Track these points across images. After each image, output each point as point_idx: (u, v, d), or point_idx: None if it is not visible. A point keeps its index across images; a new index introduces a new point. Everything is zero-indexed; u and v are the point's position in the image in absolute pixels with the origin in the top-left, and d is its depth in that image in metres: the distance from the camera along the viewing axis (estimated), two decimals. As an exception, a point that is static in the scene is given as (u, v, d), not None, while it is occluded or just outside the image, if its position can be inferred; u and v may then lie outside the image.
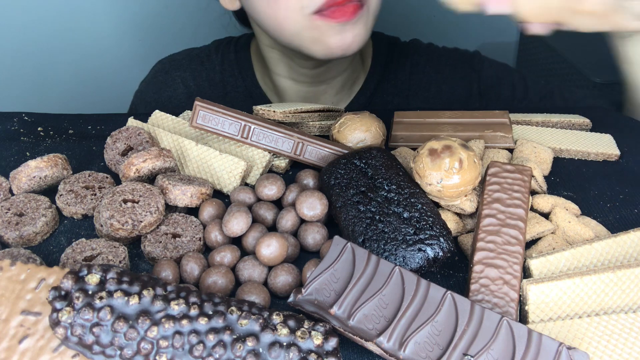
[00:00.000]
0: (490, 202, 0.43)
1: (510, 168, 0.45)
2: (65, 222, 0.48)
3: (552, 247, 0.43)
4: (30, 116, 0.62)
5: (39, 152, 0.56)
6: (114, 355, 0.32)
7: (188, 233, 0.44)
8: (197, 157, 0.52)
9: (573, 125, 0.60)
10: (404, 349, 0.33)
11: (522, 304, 0.38)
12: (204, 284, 0.40)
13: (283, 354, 0.32)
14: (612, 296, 0.37)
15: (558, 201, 0.47)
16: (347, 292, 0.36)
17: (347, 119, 0.53)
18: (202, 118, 0.51)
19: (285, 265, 0.41)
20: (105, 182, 0.50)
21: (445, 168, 0.43)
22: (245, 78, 0.78)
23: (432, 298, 0.35)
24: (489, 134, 0.55)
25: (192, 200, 0.47)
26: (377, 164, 0.46)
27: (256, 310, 0.34)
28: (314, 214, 0.44)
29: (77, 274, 0.34)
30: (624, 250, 0.41)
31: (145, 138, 0.52)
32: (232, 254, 0.42)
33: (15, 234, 0.44)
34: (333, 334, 0.34)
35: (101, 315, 0.32)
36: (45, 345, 0.33)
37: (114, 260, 0.41)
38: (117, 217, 0.43)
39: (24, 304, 0.35)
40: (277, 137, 0.52)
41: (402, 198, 0.43)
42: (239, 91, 0.78)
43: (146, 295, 0.33)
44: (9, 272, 0.36)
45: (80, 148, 0.57)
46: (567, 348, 0.32)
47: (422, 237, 0.41)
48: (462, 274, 0.43)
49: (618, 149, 0.55)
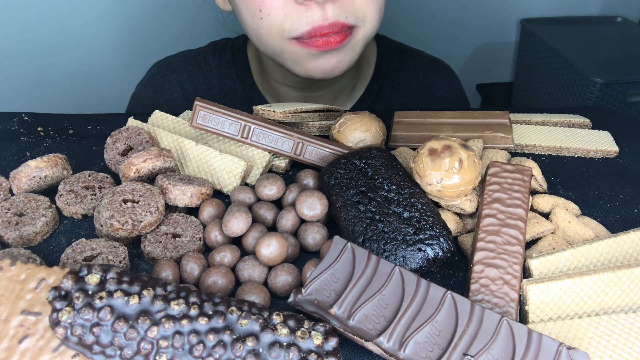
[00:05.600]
0: (490, 202, 0.43)
1: (510, 168, 0.45)
2: (65, 222, 0.48)
3: (552, 247, 0.43)
4: (30, 116, 0.62)
5: (39, 152, 0.56)
6: (114, 355, 0.32)
7: (188, 233, 0.44)
8: (197, 157, 0.52)
9: (573, 125, 0.60)
10: (404, 349, 0.33)
11: (522, 304, 0.38)
12: (204, 284, 0.40)
13: (283, 354, 0.32)
14: (612, 296, 0.37)
15: (558, 201, 0.47)
16: (347, 292, 0.36)
17: (347, 119, 0.53)
18: (202, 118, 0.51)
19: (285, 265, 0.41)
20: (105, 182, 0.50)
21: (445, 168, 0.43)
22: (244, 81, 0.77)
23: (432, 298, 0.35)
24: (489, 135, 0.55)
25: (192, 200, 0.47)
26: (377, 164, 0.46)
27: (256, 310, 0.34)
28: (314, 214, 0.44)
29: (77, 274, 0.34)
30: (624, 250, 0.41)
31: (145, 138, 0.52)
32: (232, 254, 0.42)
33: (15, 234, 0.44)
34: (333, 334, 0.34)
35: (101, 315, 0.32)
36: (45, 345, 0.33)
37: (114, 260, 0.41)
38: (117, 217, 0.43)
39: (24, 304, 0.35)
40: (277, 137, 0.52)
41: (402, 198, 0.43)
42: (237, 94, 0.77)
43: (146, 295, 0.33)
44: (9, 272, 0.36)
45: (80, 148, 0.57)
46: (567, 348, 0.32)
47: (422, 237, 0.41)
48: (462, 274, 0.43)
49: (617, 146, 0.55)
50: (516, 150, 0.56)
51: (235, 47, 0.79)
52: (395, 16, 1.38)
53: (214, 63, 0.78)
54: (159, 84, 0.79)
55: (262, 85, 0.77)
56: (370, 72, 0.78)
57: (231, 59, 0.78)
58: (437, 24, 1.43)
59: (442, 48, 1.43)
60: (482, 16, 1.42)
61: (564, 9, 1.44)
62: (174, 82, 0.78)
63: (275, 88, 0.76)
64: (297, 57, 0.61)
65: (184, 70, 0.79)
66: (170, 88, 0.78)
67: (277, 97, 0.77)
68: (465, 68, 1.53)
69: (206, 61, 0.79)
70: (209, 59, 0.79)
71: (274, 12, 0.57)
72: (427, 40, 1.45)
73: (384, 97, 0.77)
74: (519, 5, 1.42)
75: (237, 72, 0.77)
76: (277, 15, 0.57)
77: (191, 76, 0.78)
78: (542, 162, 0.55)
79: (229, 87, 0.77)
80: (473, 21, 1.43)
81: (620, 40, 1.30)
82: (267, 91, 0.77)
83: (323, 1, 0.55)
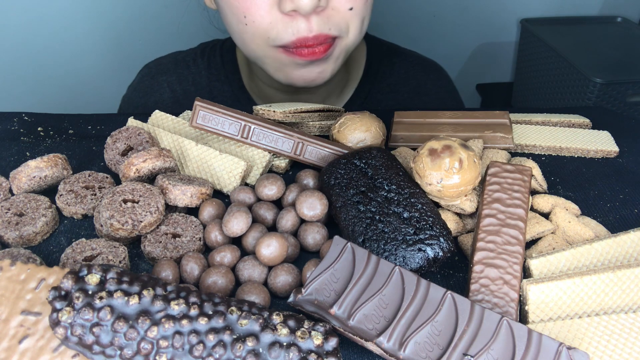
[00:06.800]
0: (490, 202, 0.43)
1: (510, 168, 0.45)
2: (65, 222, 0.48)
3: (552, 247, 0.43)
4: (30, 116, 0.62)
5: (39, 152, 0.56)
6: (114, 355, 0.32)
7: (188, 233, 0.44)
8: (197, 157, 0.52)
9: (573, 125, 0.60)
10: (404, 349, 0.33)
11: (522, 304, 0.38)
12: (204, 284, 0.40)
13: (283, 354, 0.32)
14: (612, 296, 0.37)
15: (558, 201, 0.47)
16: (347, 292, 0.36)
17: (347, 119, 0.53)
18: (202, 118, 0.51)
19: (285, 265, 0.41)
20: (105, 182, 0.50)
21: (445, 168, 0.43)
22: (232, 82, 0.76)
23: (432, 298, 0.35)
24: (489, 135, 0.55)
25: (192, 200, 0.47)
26: (377, 164, 0.46)
27: (256, 310, 0.34)
28: (314, 214, 0.44)
29: (77, 274, 0.34)
30: (624, 250, 0.41)
31: (145, 138, 0.52)
32: (232, 254, 0.42)
33: (15, 234, 0.44)
34: (333, 334, 0.34)
35: (101, 315, 0.32)
36: (45, 345, 0.33)
37: (114, 260, 0.41)
38: (117, 217, 0.43)
39: (24, 304, 0.35)
40: (277, 137, 0.52)
41: (402, 198, 0.43)
42: (226, 96, 0.77)
43: (146, 295, 0.33)
44: (9, 272, 0.36)
45: (80, 148, 0.57)
46: (567, 348, 0.32)
47: (422, 237, 0.41)
48: (462, 274, 0.43)
49: (617, 146, 0.55)
50: (516, 150, 0.56)
51: (224, 49, 0.78)
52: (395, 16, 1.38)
53: (203, 65, 0.78)
54: (148, 85, 0.79)
55: (250, 87, 0.77)
56: (360, 74, 0.78)
57: (220, 60, 0.78)
58: (437, 24, 1.43)
59: (442, 48, 1.43)
60: (482, 16, 1.42)
61: (564, 9, 1.44)
62: (163, 84, 0.78)
63: (263, 90, 0.75)
64: (280, 64, 0.61)
65: (173, 72, 0.78)
66: (160, 90, 0.78)
67: (265, 99, 0.76)
68: (465, 68, 1.53)
69: (195, 63, 0.79)
70: (198, 61, 0.78)
71: (258, 20, 0.57)
72: (427, 40, 1.45)
73: (373, 98, 0.77)
74: (519, 5, 1.42)
75: (225, 74, 0.77)
76: (261, 23, 0.57)
77: (180, 78, 0.78)
78: (542, 162, 0.55)
79: (218, 89, 0.77)
80: (473, 21, 1.43)
81: (620, 40, 1.30)
82: (256, 93, 0.77)
83: (308, 13, 0.55)
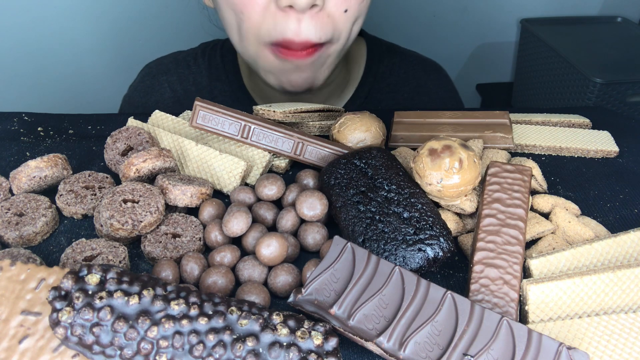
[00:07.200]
0: (490, 202, 0.43)
1: (510, 168, 0.45)
2: (65, 222, 0.48)
3: (552, 247, 0.43)
4: (30, 116, 0.62)
5: (39, 152, 0.56)
6: (114, 355, 0.32)
7: (188, 233, 0.44)
8: (197, 157, 0.52)
9: (573, 125, 0.60)
10: (404, 349, 0.33)
11: (522, 304, 0.38)
12: (204, 284, 0.40)
13: (283, 354, 0.32)
14: (612, 296, 0.37)
15: (558, 201, 0.47)
16: (347, 292, 0.36)
17: (347, 119, 0.53)
18: (202, 118, 0.51)
19: (285, 265, 0.41)
20: (105, 182, 0.50)
21: (445, 168, 0.43)
22: (232, 82, 0.76)
23: (432, 298, 0.35)
24: (489, 135, 0.55)
25: (192, 200, 0.47)
26: (377, 164, 0.46)
27: (256, 310, 0.34)
28: (314, 214, 0.44)
29: (77, 274, 0.34)
30: (624, 250, 0.41)
31: (145, 138, 0.52)
32: (232, 254, 0.42)
33: (15, 234, 0.44)
34: (333, 334, 0.34)
35: (101, 315, 0.32)
36: (45, 345, 0.33)
37: (114, 260, 0.41)
38: (117, 217, 0.43)
39: (24, 304, 0.35)
40: (277, 137, 0.52)
41: (402, 198, 0.43)
42: (226, 95, 0.76)
43: (146, 295, 0.33)
44: (9, 272, 0.36)
45: (80, 148, 0.57)
46: (567, 348, 0.32)
47: (422, 237, 0.41)
48: (462, 274, 0.43)
49: (617, 146, 0.55)
50: (516, 150, 0.56)
51: (225, 49, 0.78)
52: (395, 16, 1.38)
53: (203, 65, 0.78)
54: (149, 85, 0.79)
55: (251, 87, 0.77)
56: (360, 74, 0.78)
57: (220, 60, 0.77)
58: (437, 24, 1.43)
59: (442, 48, 1.43)
60: (482, 16, 1.42)
61: (564, 9, 1.44)
62: (164, 84, 0.78)
63: (264, 90, 0.75)
64: (270, 67, 0.61)
65: (174, 72, 0.78)
66: (160, 89, 0.78)
67: (266, 99, 0.76)
68: (465, 68, 1.53)
69: (196, 62, 0.78)
70: (199, 61, 0.78)
71: (254, 17, 0.57)
72: (427, 40, 1.45)
73: (373, 98, 0.77)
74: (519, 5, 1.42)
75: (226, 74, 0.77)
76: (256, 19, 0.58)
77: (181, 78, 0.78)
78: (542, 162, 0.55)
79: (219, 89, 0.77)
80: (473, 21, 1.44)
81: (620, 40, 1.30)
82: (256, 93, 0.77)
83: (303, 9, 0.55)
